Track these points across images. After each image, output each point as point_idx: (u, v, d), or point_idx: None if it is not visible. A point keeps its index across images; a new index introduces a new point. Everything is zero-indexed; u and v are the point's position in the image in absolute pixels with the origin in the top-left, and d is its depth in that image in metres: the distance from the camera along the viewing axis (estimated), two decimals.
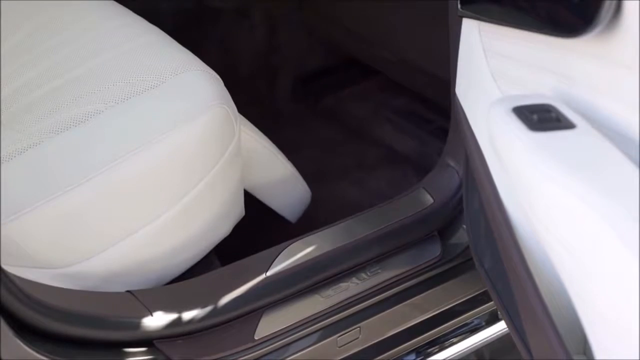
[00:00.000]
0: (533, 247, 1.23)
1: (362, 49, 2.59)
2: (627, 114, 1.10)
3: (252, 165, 1.92)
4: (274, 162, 1.99)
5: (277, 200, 2.06)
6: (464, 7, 1.46)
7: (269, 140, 1.98)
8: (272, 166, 2.00)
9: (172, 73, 1.72)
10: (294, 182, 2.07)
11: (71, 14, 1.99)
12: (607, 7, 1.06)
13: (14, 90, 1.78)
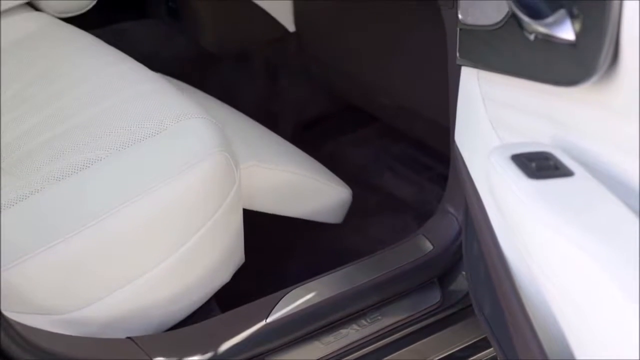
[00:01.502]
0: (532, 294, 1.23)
1: (362, 95, 2.60)
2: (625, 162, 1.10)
3: (298, 196, 1.95)
4: (315, 187, 2.03)
5: (323, 215, 2.11)
6: (463, 55, 1.47)
7: (303, 165, 2.03)
8: (316, 192, 2.05)
9: (173, 120, 1.73)
10: (337, 195, 2.11)
11: (71, 61, 2.00)
12: (605, 55, 1.07)
13: (15, 137, 1.79)
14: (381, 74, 2.40)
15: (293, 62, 2.74)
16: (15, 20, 2.21)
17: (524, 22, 1.19)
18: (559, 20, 1.13)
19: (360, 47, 2.43)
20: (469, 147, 1.52)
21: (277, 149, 2.11)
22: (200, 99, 2.23)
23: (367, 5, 2.31)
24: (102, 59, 2.00)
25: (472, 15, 1.41)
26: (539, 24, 1.16)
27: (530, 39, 1.20)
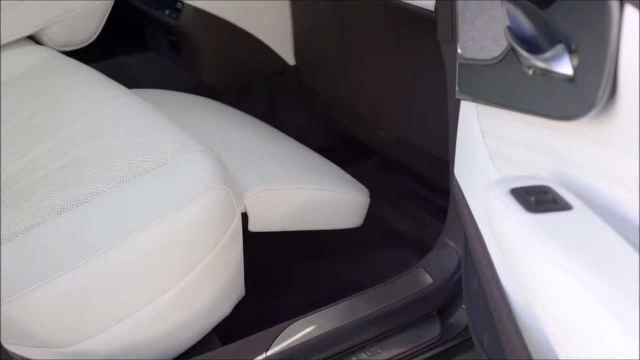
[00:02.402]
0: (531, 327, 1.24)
1: (362, 128, 2.61)
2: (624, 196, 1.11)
3: (314, 210, 1.99)
4: (331, 197, 2.06)
5: (341, 222, 2.15)
6: (462, 89, 1.48)
7: (315, 178, 2.04)
8: (332, 201, 2.08)
9: (173, 154, 1.74)
10: (353, 200, 2.14)
11: (73, 95, 2.02)
12: (603, 90, 1.08)
13: (16, 170, 1.79)
14: (381, 107, 2.41)
15: (293, 95, 2.75)
16: (18, 53, 2.23)
17: (523, 56, 1.20)
18: (557, 55, 1.14)
19: (360, 81, 2.44)
20: (468, 181, 1.53)
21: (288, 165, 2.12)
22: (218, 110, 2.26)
23: (367, 39, 2.32)
24: (103, 92, 2.01)
25: (471, 49, 1.42)
26: (537, 58, 1.17)
27: (529, 73, 1.20)
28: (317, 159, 2.27)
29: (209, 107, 2.39)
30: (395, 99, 2.34)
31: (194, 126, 1.98)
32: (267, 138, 2.28)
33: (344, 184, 2.16)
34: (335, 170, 2.25)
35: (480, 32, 1.37)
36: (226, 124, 2.26)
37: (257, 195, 1.87)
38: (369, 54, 2.35)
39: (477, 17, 1.38)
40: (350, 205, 2.15)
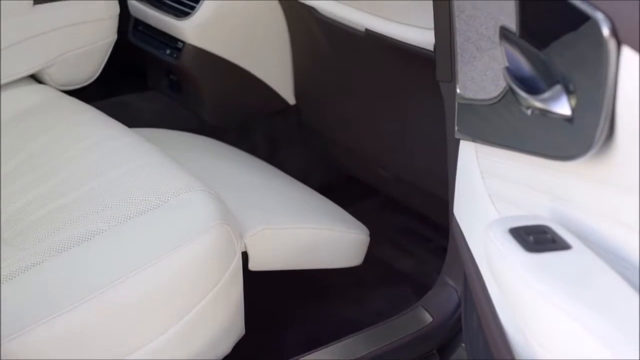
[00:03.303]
0: None
1: (362, 167, 2.62)
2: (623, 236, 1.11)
3: (314, 249, 2.00)
4: (331, 236, 2.06)
5: (342, 261, 2.15)
6: (461, 129, 1.49)
7: (316, 217, 2.05)
8: (333, 241, 2.09)
9: (174, 193, 1.75)
10: (354, 239, 2.15)
11: (74, 135, 2.02)
12: (601, 130, 1.09)
13: (17, 208, 1.80)
14: (381, 146, 2.42)
15: (293, 135, 2.76)
16: (19, 92, 2.24)
17: (521, 97, 1.21)
18: (556, 95, 1.15)
19: (360, 120, 2.45)
20: (467, 220, 1.53)
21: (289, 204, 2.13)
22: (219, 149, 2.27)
23: (367, 78, 2.33)
24: (104, 132, 2.02)
25: (470, 89, 1.43)
26: (535, 99, 1.18)
27: (528, 113, 1.21)
28: (317, 198, 2.28)
29: (210, 146, 2.41)
30: (394, 138, 2.34)
31: (194, 165, 1.99)
32: (268, 177, 2.29)
33: (344, 223, 2.17)
34: (336, 209, 2.26)
35: (479, 72, 1.38)
36: (227, 163, 2.27)
37: (257, 234, 1.88)
38: (369, 93, 2.36)
39: (475, 58, 1.39)
40: (350, 244, 2.16)
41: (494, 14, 1.29)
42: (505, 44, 1.26)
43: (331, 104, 2.55)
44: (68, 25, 2.35)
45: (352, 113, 2.47)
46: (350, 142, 2.55)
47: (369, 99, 2.38)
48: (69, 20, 2.35)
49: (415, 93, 2.18)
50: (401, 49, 2.00)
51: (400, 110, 2.28)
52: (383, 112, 2.34)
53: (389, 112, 2.32)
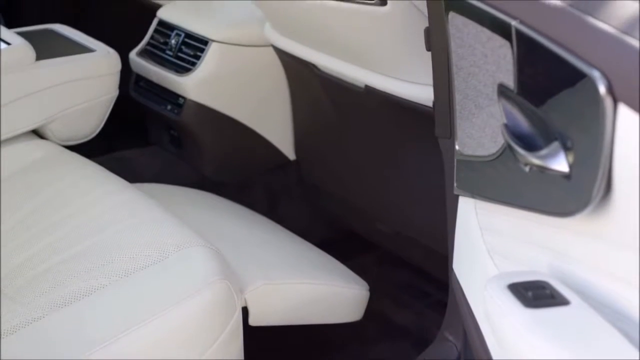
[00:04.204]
0: None
1: (361, 222, 2.62)
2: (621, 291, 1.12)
3: (313, 304, 2.01)
4: (330, 291, 2.08)
5: (341, 317, 2.16)
6: (460, 185, 1.50)
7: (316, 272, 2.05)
8: (332, 296, 2.09)
9: (174, 249, 1.76)
10: (353, 294, 2.15)
11: (75, 190, 2.03)
12: (598, 187, 1.09)
13: (19, 263, 1.80)
14: (380, 202, 2.43)
15: (293, 190, 2.77)
16: (21, 147, 2.26)
17: (519, 154, 1.22)
18: (553, 152, 1.16)
19: (360, 175, 2.47)
20: (467, 275, 1.54)
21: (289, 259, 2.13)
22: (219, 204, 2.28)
23: (366, 134, 2.35)
24: (104, 187, 2.03)
25: (468, 146, 1.44)
26: (533, 156, 1.19)
27: (526, 170, 1.22)
28: (317, 253, 2.28)
29: (210, 201, 2.41)
30: (394, 193, 2.35)
31: (194, 220, 2.00)
32: (268, 232, 2.29)
33: (343, 278, 2.17)
34: (335, 264, 2.26)
35: (478, 129, 1.40)
36: (227, 218, 2.27)
37: (257, 290, 1.88)
38: (368, 149, 2.38)
39: (474, 114, 1.40)
40: (350, 299, 2.16)
41: (491, 72, 1.31)
42: (503, 101, 1.27)
43: (331, 159, 2.56)
44: (70, 81, 2.37)
45: (351, 168, 2.48)
46: (349, 197, 2.55)
47: (369, 154, 2.39)
48: (71, 76, 2.37)
49: (415, 149, 2.20)
50: (400, 105, 2.02)
51: (400, 165, 2.29)
52: (383, 168, 2.36)
53: (388, 168, 2.33)
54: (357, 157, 2.44)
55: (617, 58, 1.07)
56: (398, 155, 2.28)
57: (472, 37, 1.35)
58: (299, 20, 2.14)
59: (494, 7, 1.29)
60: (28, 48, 2.28)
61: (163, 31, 2.66)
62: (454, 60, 1.43)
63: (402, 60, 1.96)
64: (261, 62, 2.52)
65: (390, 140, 2.27)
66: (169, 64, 2.58)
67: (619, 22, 1.12)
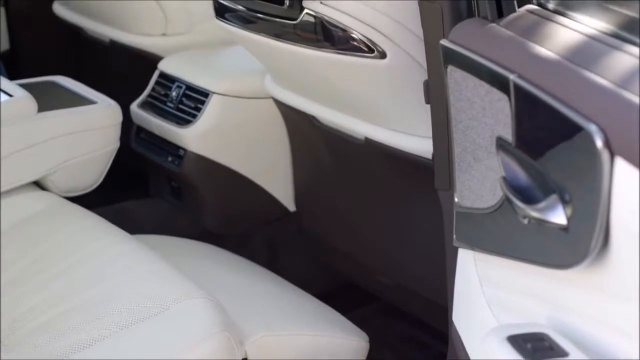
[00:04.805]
0: None
1: (361, 274, 2.62)
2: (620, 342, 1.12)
3: (313, 355, 2.01)
4: (330, 342, 2.08)
5: None
6: (459, 237, 1.50)
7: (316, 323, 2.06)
8: (332, 347, 2.09)
9: (174, 300, 1.76)
10: (352, 345, 2.15)
11: (75, 241, 2.04)
12: (596, 239, 1.10)
13: (20, 315, 1.81)
14: (380, 253, 2.43)
15: (293, 241, 2.77)
16: (23, 199, 2.26)
17: (518, 206, 1.23)
18: (551, 205, 1.17)
19: (359, 227, 2.47)
20: (466, 327, 1.54)
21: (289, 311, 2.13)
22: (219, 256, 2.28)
23: (366, 185, 2.36)
24: (105, 239, 2.04)
25: (467, 198, 1.45)
26: (532, 208, 1.20)
27: (524, 222, 1.23)
28: (317, 304, 2.28)
29: (210, 253, 2.42)
30: (394, 245, 2.36)
31: (195, 272, 2.00)
32: (268, 283, 2.29)
33: (343, 329, 2.17)
34: (335, 315, 2.25)
35: (477, 181, 1.41)
36: (227, 270, 2.28)
37: (258, 341, 1.88)
38: (369, 200, 2.38)
39: (473, 167, 1.41)
40: (350, 351, 2.15)
41: (490, 125, 1.32)
42: (501, 154, 1.28)
43: (331, 211, 2.57)
44: (72, 132, 2.38)
45: (351, 220, 2.49)
46: (349, 248, 2.55)
47: (369, 205, 2.39)
48: (73, 128, 2.38)
49: (414, 200, 2.20)
50: (400, 157, 2.03)
51: (400, 217, 2.30)
52: (382, 219, 2.36)
53: (388, 219, 2.34)
54: (357, 208, 2.45)
55: (613, 112, 1.09)
56: (398, 206, 2.28)
57: (470, 90, 1.37)
58: (299, 72, 2.16)
59: (492, 61, 1.31)
60: (30, 100, 2.29)
61: (164, 83, 2.68)
62: (453, 113, 1.45)
63: (402, 112, 1.98)
64: (261, 114, 2.53)
65: (390, 191, 2.28)
66: (170, 116, 2.60)
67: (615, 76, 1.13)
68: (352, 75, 1.97)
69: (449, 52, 1.43)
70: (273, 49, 2.07)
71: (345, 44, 1.90)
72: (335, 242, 2.61)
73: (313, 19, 1.91)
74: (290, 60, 2.11)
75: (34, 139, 2.30)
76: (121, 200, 2.84)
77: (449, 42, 1.44)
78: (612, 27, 1.28)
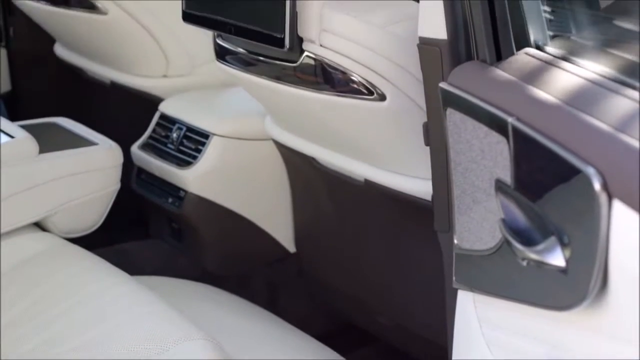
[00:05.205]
0: None
1: (362, 315, 2.62)
2: None
3: None
4: None
5: None
6: (459, 279, 1.51)
7: None
8: None
9: (175, 342, 1.76)
10: None
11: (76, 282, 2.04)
12: (594, 281, 1.11)
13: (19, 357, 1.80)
14: (380, 294, 2.43)
15: (293, 282, 2.77)
16: (23, 240, 2.27)
17: (517, 248, 1.23)
18: (550, 247, 1.17)
19: (359, 267, 2.47)
20: None
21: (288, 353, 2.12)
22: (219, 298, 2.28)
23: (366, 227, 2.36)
24: (105, 280, 2.04)
25: (467, 240, 1.46)
26: (530, 250, 1.20)
27: (523, 264, 1.24)
28: (316, 346, 2.28)
29: (210, 294, 2.42)
30: (394, 286, 2.36)
31: (195, 314, 2.00)
32: (268, 325, 2.29)
33: None
34: (335, 357, 2.25)
35: (476, 223, 1.41)
36: (227, 311, 2.28)
37: None
38: (369, 242, 2.39)
39: (472, 209, 1.42)
40: None
41: (489, 167, 1.33)
42: (500, 196, 1.29)
43: (331, 252, 2.57)
44: (73, 174, 2.39)
45: (351, 261, 2.49)
46: (349, 289, 2.56)
47: (369, 247, 2.40)
48: (74, 169, 2.39)
49: (414, 241, 2.21)
50: (400, 199, 2.04)
51: (400, 258, 2.30)
52: (382, 260, 2.36)
53: (388, 260, 2.34)
54: (357, 249, 2.45)
55: (611, 155, 1.09)
56: (398, 247, 2.29)
57: (469, 132, 1.38)
58: (299, 114, 2.17)
59: (491, 104, 1.32)
60: (31, 141, 2.30)
61: (165, 124, 2.69)
62: (452, 156, 1.46)
63: (401, 154, 1.99)
64: (262, 155, 2.54)
65: (390, 233, 2.28)
66: (170, 157, 2.61)
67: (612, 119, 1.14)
68: (352, 118, 1.99)
69: (448, 95, 1.45)
70: (273, 91, 2.09)
71: (345, 86, 1.91)
72: (335, 282, 2.61)
73: (313, 61, 1.93)
74: (290, 102, 2.12)
75: (34, 181, 2.31)
76: (121, 241, 2.85)
77: (448, 85, 1.45)
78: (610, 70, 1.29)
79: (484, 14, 1.47)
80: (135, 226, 2.93)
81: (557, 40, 1.47)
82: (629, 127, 1.11)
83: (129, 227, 2.93)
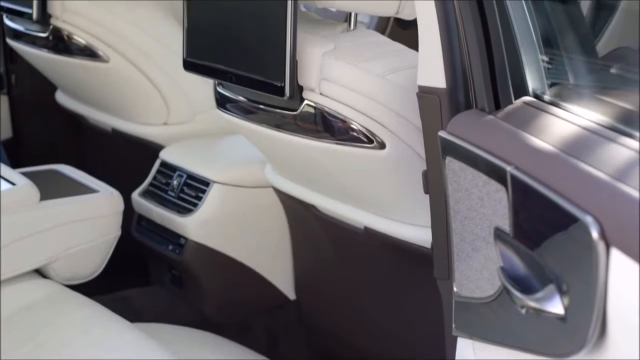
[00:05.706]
0: None
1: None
2: None
3: None
4: None
5: None
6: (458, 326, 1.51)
7: None
8: None
9: None
10: None
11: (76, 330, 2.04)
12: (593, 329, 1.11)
13: None
14: (380, 341, 2.43)
15: (293, 330, 2.77)
16: (23, 286, 2.27)
17: (516, 296, 1.24)
18: (549, 295, 1.18)
19: (359, 314, 2.47)
20: None
21: None
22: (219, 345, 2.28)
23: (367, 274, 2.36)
24: (106, 328, 2.04)
25: (466, 287, 1.46)
26: (529, 298, 1.21)
27: (522, 312, 1.24)
28: None
29: (210, 342, 2.41)
30: (394, 332, 2.36)
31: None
32: None
33: None
34: None
35: (475, 271, 1.42)
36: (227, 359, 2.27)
37: None
38: (369, 289, 2.39)
39: (471, 257, 1.43)
40: None
41: (488, 215, 1.34)
42: (499, 244, 1.30)
43: (331, 299, 2.57)
44: (73, 221, 2.39)
45: (352, 308, 2.49)
46: (349, 336, 2.55)
47: (369, 293, 2.40)
48: (75, 217, 2.39)
49: (414, 288, 2.21)
50: (399, 246, 2.04)
51: (399, 304, 2.30)
52: (382, 306, 2.36)
53: (388, 308, 2.34)
54: (357, 296, 2.45)
55: (609, 204, 1.10)
56: (398, 294, 2.29)
57: (469, 181, 1.39)
58: (299, 161, 2.18)
59: (489, 152, 1.33)
60: (32, 188, 2.31)
61: (165, 172, 2.70)
62: (451, 204, 1.47)
63: (401, 202, 2.00)
64: (262, 203, 2.55)
65: (390, 280, 2.29)
66: (171, 205, 2.61)
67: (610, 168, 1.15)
68: (352, 165, 2.00)
69: (447, 144, 1.46)
70: (273, 139, 2.10)
71: (345, 134, 1.92)
72: (335, 329, 2.61)
73: (313, 109, 1.94)
74: (290, 150, 2.13)
75: (35, 228, 2.31)
76: (122, 287, 2.84)
77: (447, 134, 1.47)
78: (608, 118, 1.30)
79: (482, 63, 1.49)
80: (136, 273, 2.93)
81: (555, 88, 1.49)
82: (626, 176, 1.12)
83: (129, 274, 2.93)
